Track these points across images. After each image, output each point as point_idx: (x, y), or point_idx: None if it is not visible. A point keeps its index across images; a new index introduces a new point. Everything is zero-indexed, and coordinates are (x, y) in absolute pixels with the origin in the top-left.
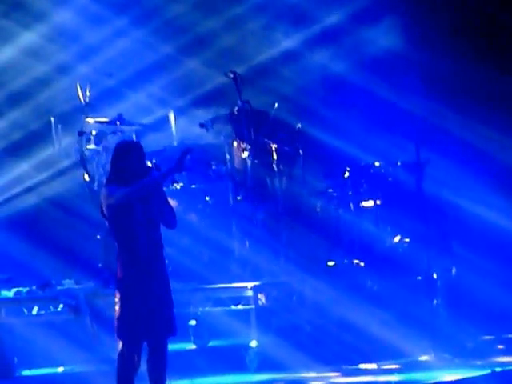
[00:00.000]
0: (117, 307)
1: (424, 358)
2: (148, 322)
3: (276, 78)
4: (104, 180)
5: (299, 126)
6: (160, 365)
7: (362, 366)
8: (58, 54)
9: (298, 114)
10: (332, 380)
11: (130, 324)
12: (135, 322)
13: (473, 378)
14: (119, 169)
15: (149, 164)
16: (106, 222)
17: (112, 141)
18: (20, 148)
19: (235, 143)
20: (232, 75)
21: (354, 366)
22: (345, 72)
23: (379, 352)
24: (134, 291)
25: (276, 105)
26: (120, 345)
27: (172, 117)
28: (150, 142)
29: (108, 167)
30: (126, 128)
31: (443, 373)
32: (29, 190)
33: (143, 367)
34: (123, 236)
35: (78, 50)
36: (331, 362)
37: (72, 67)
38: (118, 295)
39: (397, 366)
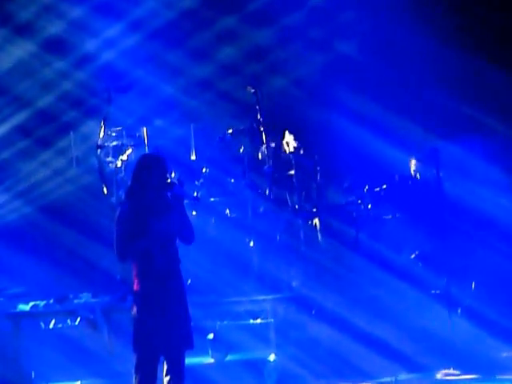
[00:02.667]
0: (134, 321)
1: (442, 371)
2: (165, 336)
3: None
4: (121, 193)
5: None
6: (178, 379)
7: (381, 380)
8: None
9: (313, 125)
10: None
11: (146, 338)
12: (151, 335)
13: None
14: (139, 183)
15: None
16: None
17: (131, 154)
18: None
19: (255, 156)
20: (253, 90)
21: (374, 381)
22: (355, 87)
23: (399, 366)
24: (149, 305)
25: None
26: (136, 359)
27: (192, 131)
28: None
29: (127, 181)
30: (145, 141)
31: None
32: (47, 202)
33: (160, 380)
34: (139, 251)
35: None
36: (350, 377)
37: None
38: (134, 309)
39: (416, 381)
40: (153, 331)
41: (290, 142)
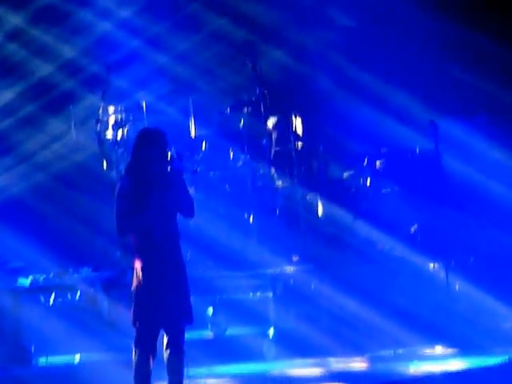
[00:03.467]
0: (133, 295)
1: (442, 345)
2: (164, 310)
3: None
4: (121, 168)
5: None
6: (177, 353)
7: (381, 353)
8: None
9: (313, 101)
10: (350, 367)
11: (146, 312)
12: (151, 310)
13: (489, 366)
14: (140, 158)
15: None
16: None
17: (130, 129)
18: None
19: (254, 132)
20: (251, 64)
21: (372, 354)
22: (357, 60)
23: (397, 340)
24: (149, 280)
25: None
26: (136, 333)
27: (191, 105)
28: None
29: (126, 155)
30: (144, 116)
31: (461, 360)
32: (48, 177)
33: (160, 354)
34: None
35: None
36: (348, 349)
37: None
38: (134, 284)
39: (414, 354)
40: (153, 305)
41: (297, 126)
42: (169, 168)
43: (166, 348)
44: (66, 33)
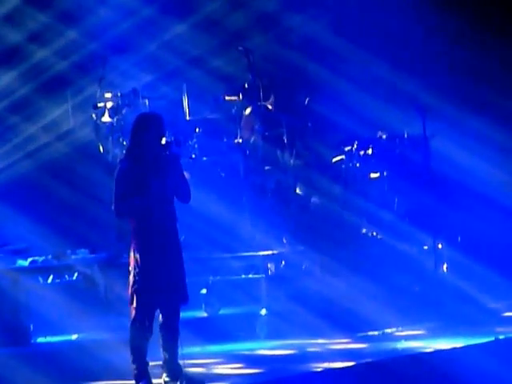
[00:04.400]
0: (130, 276)
1: (430, 325)
2: (161, 290)
3: (279, 49)
4: (117, 152)
5: (307, 100)
6: (172, 332)
7: (369, 333)
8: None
9: (305, 86)
10: (339, 347)
11: (143, 293)
12: (149, 290)
13: (477, 345)
14: (138, 142)
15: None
16: None
17: (127, 114)
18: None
19: (246, 116)
20: (243, 50)
21: (361, 333)
22: (349, 43)
23: (386, 320)
24: (148, 262)
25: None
26: (133, 312)
27: (185, 91)
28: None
29: (121, 140)
30: (140, 101)
31: (448, 340)
32: (45, 160)
33: (156, 335)
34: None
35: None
36: (339, 330)
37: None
38: (131, 264)
39: (403, 334)
40: (150, 286)
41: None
42: (167, 152)
43: (161, 327)
44: (61, 18)
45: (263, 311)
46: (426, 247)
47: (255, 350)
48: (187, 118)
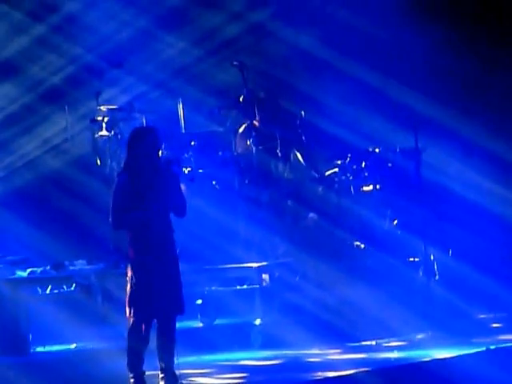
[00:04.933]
0: (128, 287)
1: (422, 336)
2: (158, 301)
3: (273, 62)
4: (115, 165)
5: (302, 113)
6: (169, 342)
7: (362, 343)
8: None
9: (298, 100)
10: (333, 357)
11: (140, 303)
12: (146, 301)
13: (468, 355)
14: (133, 156)
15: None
16: None
17: (123, 127)
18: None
19: (240, 130)
20: (238, 64)
21: (355, 344)
22: (342, 59)
23: (379, 330)
24: (145, 273)
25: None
26: (130, 322)
27: (180, 104)
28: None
29: (119, 153)
30: (136, 115)
31: (440, 350)
32: (44, 172)
33: (152, 344)
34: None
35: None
36: (332, 340)
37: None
38: (129, 275)
39: (396, 344)
40: (148, 297)
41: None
42: (168, 170)
43: (158, 337)
44: (56, 31)
45: (258, 321)
46: (417, 259)
47: (250, 359)
48: (183, 131)
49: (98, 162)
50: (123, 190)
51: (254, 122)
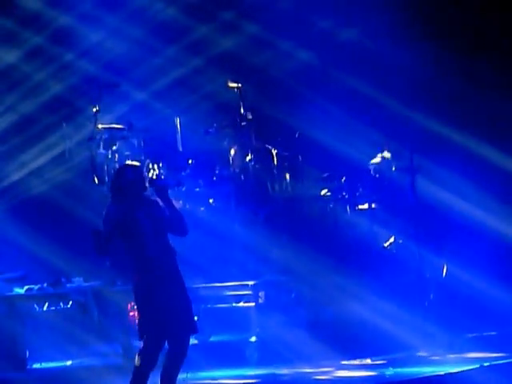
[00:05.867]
0: (136, 313)
1: (417, 353)
2: (171, 323)
3: (270, 80)
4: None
5: (298, 133)
6: (179, 362)
7: (358, 360)
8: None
9: (294, 119)
10: (328, 374)
11: (153, 327)
12: (158, 325)
13: (463, 372)
14: (116, 189)
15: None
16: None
17: (121, 146)
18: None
19: (237, 149)
20: (236, 86)
21: (350, 361)
22: (338, 74)
23: (374, 347)
24: (151, 297)
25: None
26: (143, 345)
27: (178, 123)
28: (157, 147)
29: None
30: (134, 134)
31: (435, 367)
32: (42, 191)
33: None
34: (133, 246)
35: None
36: (328, 357)
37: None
38: (135, 300)
39: (391, 361)
40: (158, 320)
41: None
42: (152, 188)
43: (169, 355)
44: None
45: (253, 338)
46: (412, 277)
47: (245, 376)
48: (180, 149)
49: (96, 180)
50: (111, 220)
51: (251, 140)
